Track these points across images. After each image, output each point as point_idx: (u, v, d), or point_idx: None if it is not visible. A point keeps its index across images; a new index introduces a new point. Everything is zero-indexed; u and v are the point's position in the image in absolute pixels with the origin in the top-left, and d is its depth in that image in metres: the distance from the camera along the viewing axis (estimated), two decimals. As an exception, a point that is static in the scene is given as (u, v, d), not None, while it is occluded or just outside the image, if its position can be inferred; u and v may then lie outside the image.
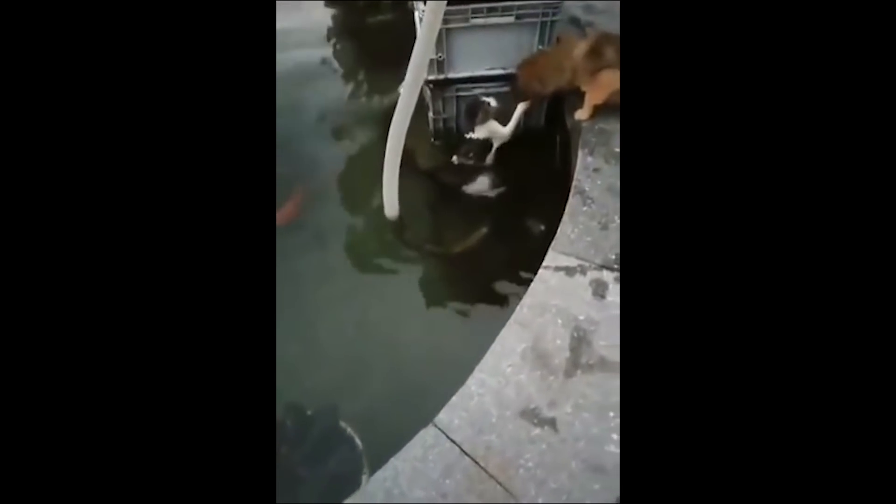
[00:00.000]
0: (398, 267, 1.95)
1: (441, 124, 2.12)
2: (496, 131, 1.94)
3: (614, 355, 1.19)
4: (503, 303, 1.70)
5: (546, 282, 1.35)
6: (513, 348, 1.22)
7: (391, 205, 1.91)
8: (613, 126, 1.79)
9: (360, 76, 2.75)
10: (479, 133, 1.95)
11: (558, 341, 1.23)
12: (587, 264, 1.38)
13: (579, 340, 1.22)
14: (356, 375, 1.60)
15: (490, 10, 1.77)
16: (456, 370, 1.23)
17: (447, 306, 1.81)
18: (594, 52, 1.70)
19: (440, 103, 2.04)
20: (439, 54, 1.86)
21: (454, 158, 2.02)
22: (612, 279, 1.35)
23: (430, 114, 2.10)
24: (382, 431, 1.48)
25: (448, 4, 1.73)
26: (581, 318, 1.27)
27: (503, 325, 1.29)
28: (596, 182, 1.60)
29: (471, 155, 1.97)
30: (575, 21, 2.26)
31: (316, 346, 1.66)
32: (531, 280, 1.37)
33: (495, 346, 1.23)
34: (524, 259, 1.89)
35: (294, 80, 2.52)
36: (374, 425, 1.51)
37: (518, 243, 1.96)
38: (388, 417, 1.52)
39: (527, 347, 1.22)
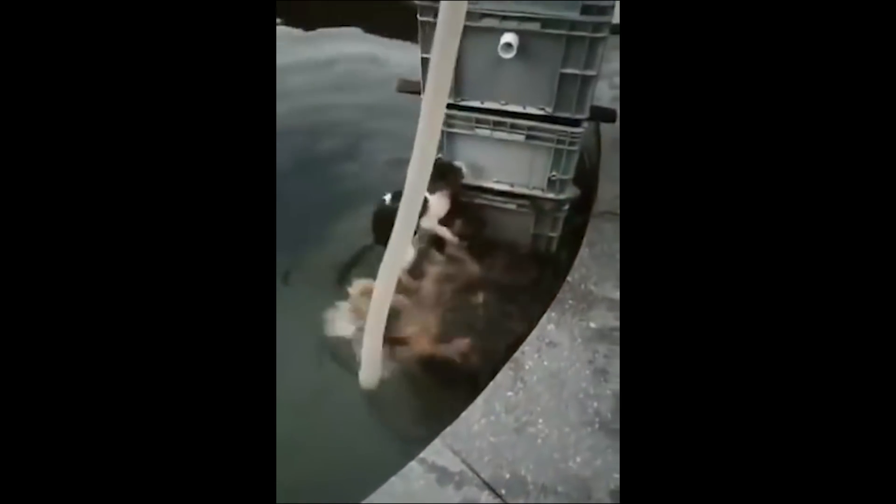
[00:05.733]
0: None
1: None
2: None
3: None
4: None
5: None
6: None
7: (372, 371, 1.43)
8: (600, 289, 1.45)
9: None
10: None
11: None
12: (471, 474, 1.08)
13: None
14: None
15: (497, 123, 1.55)
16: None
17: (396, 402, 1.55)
18: None
19: (436, 204, 1.84)
20: (438, 156, 1.67)
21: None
22: (493, 509, 1.03)
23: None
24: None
25: (455, 109, 1.57)
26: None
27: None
28: (542, 363, 1.28)
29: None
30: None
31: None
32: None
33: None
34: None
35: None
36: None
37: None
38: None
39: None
